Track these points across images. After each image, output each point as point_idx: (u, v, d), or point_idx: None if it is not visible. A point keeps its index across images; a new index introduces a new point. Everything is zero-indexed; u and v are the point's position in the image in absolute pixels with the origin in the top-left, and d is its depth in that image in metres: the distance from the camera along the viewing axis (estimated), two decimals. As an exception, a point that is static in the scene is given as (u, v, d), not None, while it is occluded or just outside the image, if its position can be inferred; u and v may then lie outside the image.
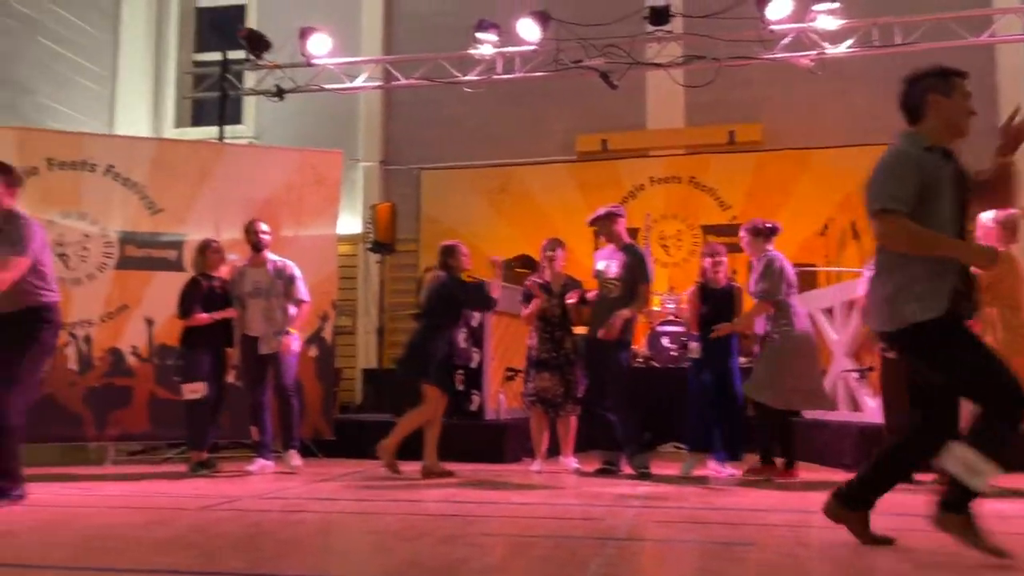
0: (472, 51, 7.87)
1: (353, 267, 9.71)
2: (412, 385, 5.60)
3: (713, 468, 5.41)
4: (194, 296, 5.70)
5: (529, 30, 7.60)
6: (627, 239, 5.69)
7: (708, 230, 9.02)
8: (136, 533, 3.40)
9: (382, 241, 9.09)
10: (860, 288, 6.10)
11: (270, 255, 5.90)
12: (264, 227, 5.92)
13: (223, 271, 5.90)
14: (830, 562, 2.89)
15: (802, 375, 5.22)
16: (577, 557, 2.91)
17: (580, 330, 5.93)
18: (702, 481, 5.12)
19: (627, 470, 5.36)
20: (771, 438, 5.30)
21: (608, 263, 5.59)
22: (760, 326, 5.37)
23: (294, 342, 5.79)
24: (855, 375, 6.06)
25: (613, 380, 5.40)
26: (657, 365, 7.73)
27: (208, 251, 5.83)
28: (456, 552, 2.94)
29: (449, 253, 5.64)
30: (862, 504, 2.96)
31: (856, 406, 6.13)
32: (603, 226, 5.67)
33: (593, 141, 9.62)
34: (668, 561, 2.99)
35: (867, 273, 4.21)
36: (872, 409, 5.72)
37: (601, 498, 4.41)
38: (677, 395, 6.10)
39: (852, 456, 5.64)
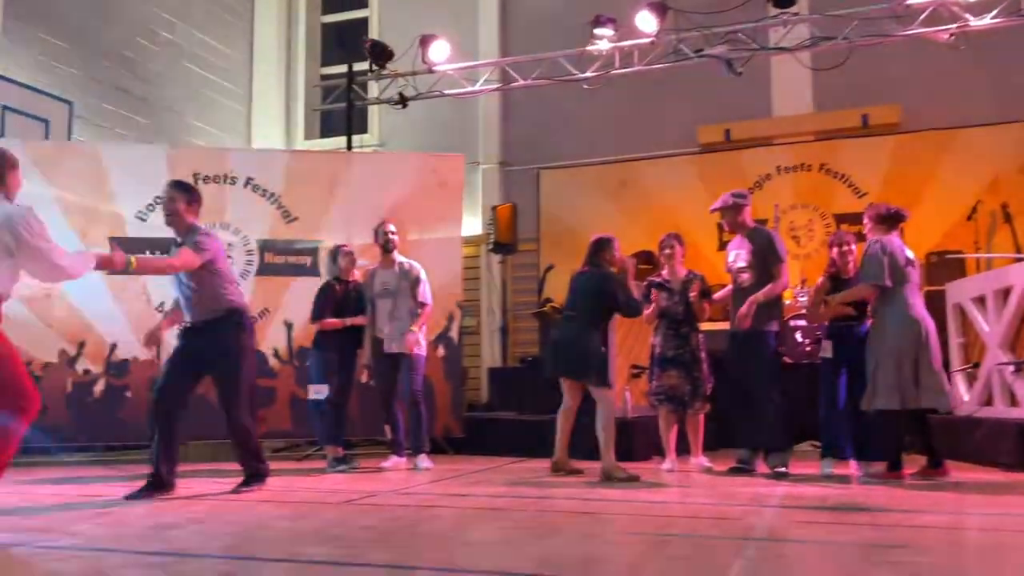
0: (589, 47, 7.83)
1: (476, 268, 9.86)
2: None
3: (853, 467, 5.16)
4: (326, 300, 5.92)
5: (647, 22, 7.49)
6: (752, 223, 5.50)
7: (842, 219, 8.59)
8: (283, 525, 3.58)
9: (503, 242, 9.19)
10: (1015, 275, 5.68)
11: (398, 256, 6.07)
12: (392, 228, 6.08)
13: (355, 275, 6.11)
14: (994, 568, 2.70)
15: (914, 368, 4.82)
16: (717, 557, 2.84)
17: (706, 326, 5.79)
18: (843, 481, 4.89)
19: (762, 469, 5.19)
20: (896, 438, 4.95)
21: (737, 252, 5.43)
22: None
23: (418, 342, 5.88)
24: (1011, 368, 5.63)
25: (759, 373, 5.18)
26: (789, 361, 7.44)
27: (339, 255, 6.06)
28: (590, 550, 2.93)
29: (603, 247, 5.39)
30: None
31: (1014, 401, 5.69)
32: (726, 215, 5.48)
33: (715, 132, 9.38)
34: (816, 563, 2.87)
35: None
36: (1033, 405, 5.31)
37: (737, 497, 4.29)
38: (812, 392, 5.85)
39: (1011, 455, 5.25)
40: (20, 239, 3.56)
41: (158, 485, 4.35)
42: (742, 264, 5.36)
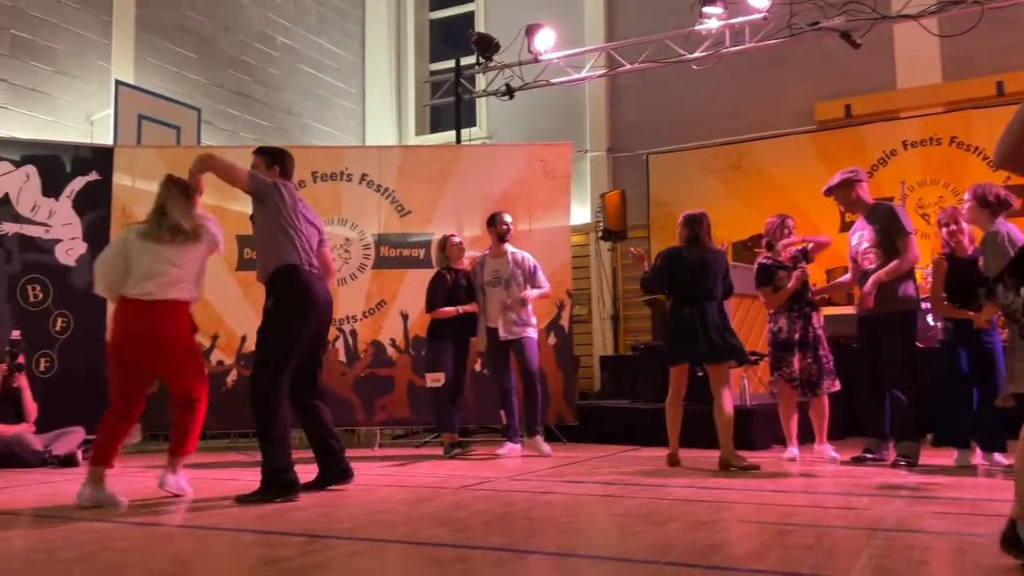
0: (698, 27, 7.65)
1: (585, 256, 9.83)
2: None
3: (979, 457, 4.85)
4: (438, 290, 6.05)
5: (758, -1, 7.24)
6: (869, 200, 5.20)
7: (977, 194, 8.05)
8: (404, 509, 3.69)
9: (613, 229, 9.11)
10: None
11: (509, 247, 6.13)
12: (509, 219, 6.19)
13: (464, 264, 6.22)
14: None
15: None
16: (842, 547, 2.74)
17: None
18: (973, 471, 4.61)
19: (890, 458, 4.95)
20: None
21: (860, 234, 5.17)
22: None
23: (530, 329, 5.98)
24: None
25: (889, 359, 4.93)
26: (921, 346, 7.05)
27: (448, 245, 6.17)
28: (708, 537, 2.88)
29: (698, 222, 5.18)
30: None
31: None
32: (840, 195, 5.21)
33: (835, 107, 8.97)
34: (948, 555, 2.72)
35: None
36: None
37: (864, 487, 4.11)
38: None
39: None
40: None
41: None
42: (866, 245, 5.10)
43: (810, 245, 5.48)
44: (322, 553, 2.75)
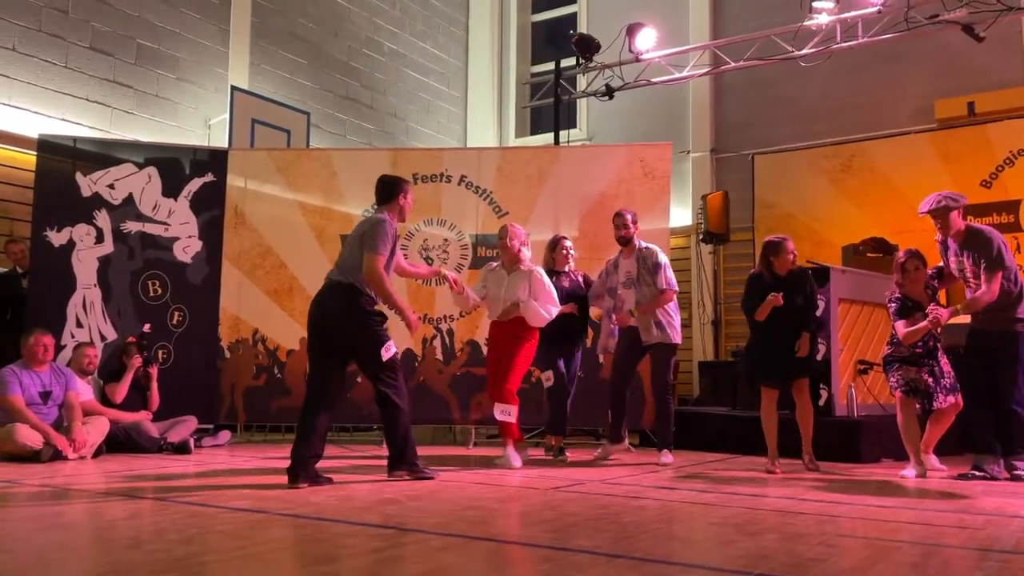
0: (807, 23, 7.38)
1: (686, 259, 9.64)
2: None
3: None
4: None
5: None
6: (962, 226, 4.91)
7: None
8: (494, 507, 3.70)
9: (715, 231, 8.91)
10: None
11: (640, 243, 5.83)
12: (621, 221, 5.82)
13: (570, 265, 6.05)
14: None
15: None
16: (952, 567, 2.57)
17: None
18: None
19: (1003, 475, 4.65)
20: None
21: (960, 260, 4.95)
22: None
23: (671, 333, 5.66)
24: None
25: (1005, 374, 4.73)
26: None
27: (557, 248, 6.05)
28: (807, 550, 2.76)
29: (772, 250, 5.29)
30: None
31: None
32: (938, 218, 4.93)
33: (956, 105, 8.49)
34: (1073, 584, 2.50)
35: None
36: None
37: (977, 507, 3.85)
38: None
39: None
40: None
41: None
42: (968, 275, 4.89)
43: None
44: (411, 547, 2.78)
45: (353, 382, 7.06)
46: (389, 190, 4.67)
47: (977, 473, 4.77)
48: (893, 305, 5.08)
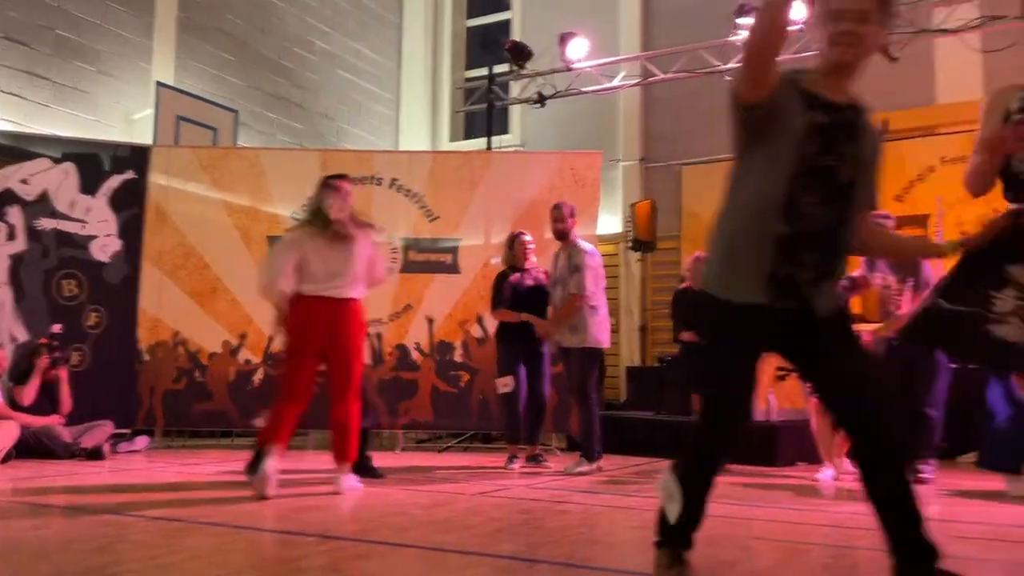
0: (733, 38, 7.60)
1: (615, 266, 9.79)
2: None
3: None
4: (502, 290, 5.73)
5: (795, 9, 7.16)
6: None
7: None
8: (418, 512, 3.69)
9: (642, 239, 9.07)
10: None
11: (578, 241, 5.60)
12: (555, 216, 5.64)
13: (532, 261, 5.82)
14: None
15: None
16: (861, 569, 2.68)
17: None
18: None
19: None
20: None
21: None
22: None
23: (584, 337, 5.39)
24: None
25: (923, 376, 4.95)
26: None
27: (516, 243, 5.84)
28: (722, 553, 2.84)
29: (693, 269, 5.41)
30: None
31: None
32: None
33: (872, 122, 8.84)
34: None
35: None
36: None
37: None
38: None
39: None
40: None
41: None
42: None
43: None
44: (331, 554, 2.75)
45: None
46: None
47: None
48: None
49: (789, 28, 2.05)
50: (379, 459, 5.01)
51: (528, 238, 5.90)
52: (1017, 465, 4.53)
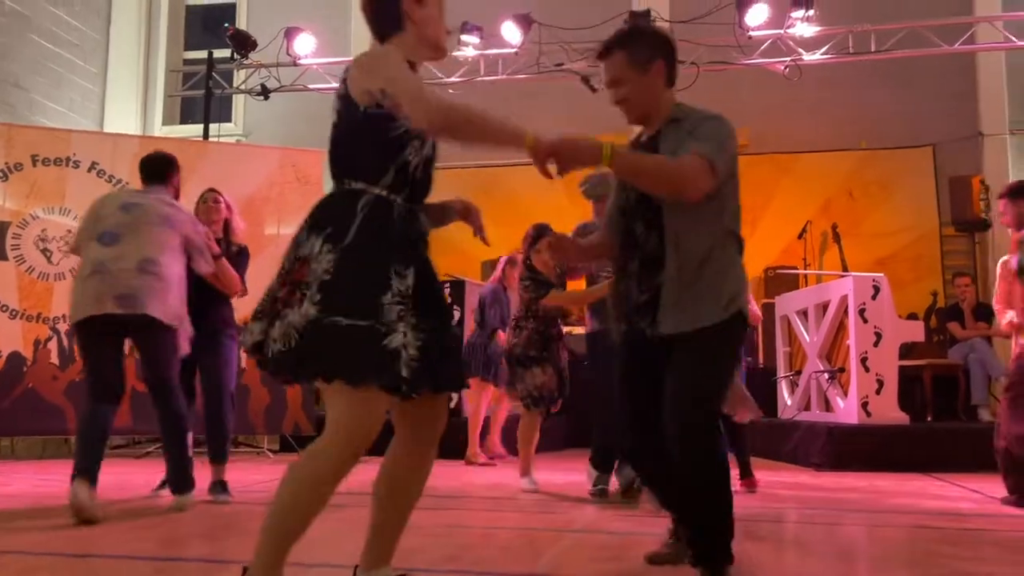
0: (456, 53, 7.97)
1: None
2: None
3: None
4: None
5: (512, 33, 7.71)
6: None
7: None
8: (111, 519, 3.48)
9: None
10: (833, 290, 6.22)
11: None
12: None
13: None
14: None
15: None
16: (535, 546, 3.01)
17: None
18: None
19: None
20: None
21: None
22: None
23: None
24: (826, 376, 6.17)
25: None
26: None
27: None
28: (405, 543, 3.02)
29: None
30: None
31: (828, 407, 6.22)
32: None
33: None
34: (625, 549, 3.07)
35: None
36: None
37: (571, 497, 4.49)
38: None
39: (821, 456, 5.75)
40: None
41: None
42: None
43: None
44: (-4, 571, 2.53)
45: None
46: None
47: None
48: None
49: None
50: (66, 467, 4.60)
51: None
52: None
